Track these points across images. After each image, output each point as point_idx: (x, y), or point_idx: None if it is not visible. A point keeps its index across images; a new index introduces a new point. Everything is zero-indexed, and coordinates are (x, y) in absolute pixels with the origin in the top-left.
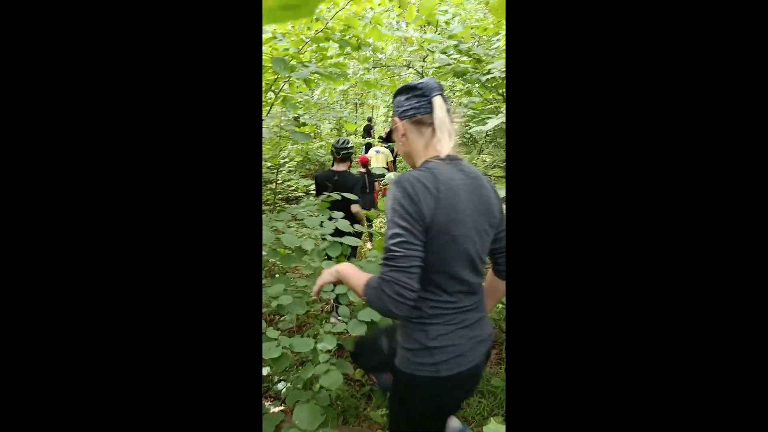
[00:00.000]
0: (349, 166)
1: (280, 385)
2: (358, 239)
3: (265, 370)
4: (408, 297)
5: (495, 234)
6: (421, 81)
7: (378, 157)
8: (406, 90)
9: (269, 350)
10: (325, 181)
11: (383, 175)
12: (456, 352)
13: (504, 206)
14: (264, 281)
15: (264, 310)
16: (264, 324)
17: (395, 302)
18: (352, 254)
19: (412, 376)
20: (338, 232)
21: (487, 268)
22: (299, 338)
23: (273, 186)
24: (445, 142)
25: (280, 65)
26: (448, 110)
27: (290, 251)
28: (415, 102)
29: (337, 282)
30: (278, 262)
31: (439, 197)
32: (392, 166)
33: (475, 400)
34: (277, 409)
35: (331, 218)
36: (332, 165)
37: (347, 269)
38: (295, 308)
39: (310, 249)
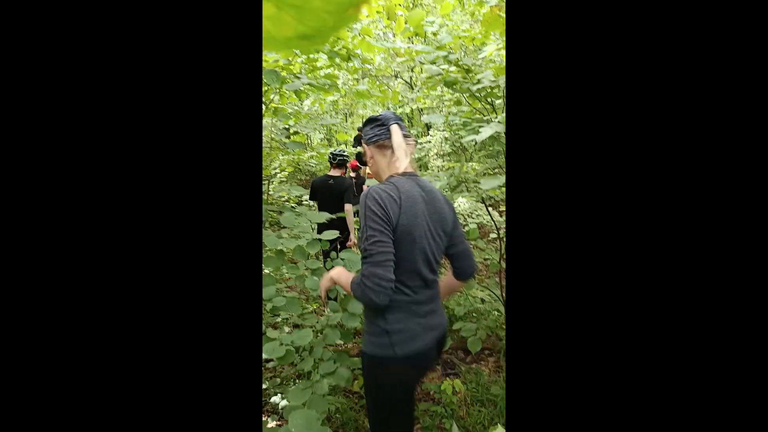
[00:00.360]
0: (344, 172)
1: (276, 398)
2: (336, 232)
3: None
4: (386, 286)
5: (449, 240)
6: (381, 113)
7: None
8: (370, 121)
9: (273, 350)
10: (321, 184)
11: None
12: (409, 335)
13: (455, 216)
14: None
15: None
16: (263, 326)
17: (376, 292)
18: (333, 248)
19: (374, 356)
20: (321, 228)
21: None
22: (298, 332)
23: (264, 197)
24: (402, 160)
25: (271, 77)
26: (404, 135)
27: (272, 253)
28: (377, 130)
29: (333, 284)
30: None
31: (402, 204)
32: None
33: (475, 410)
34: (273, 424)
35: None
36: (329, 171)
37: (338, 273)
38: (289, 308)
39: (292, 248)
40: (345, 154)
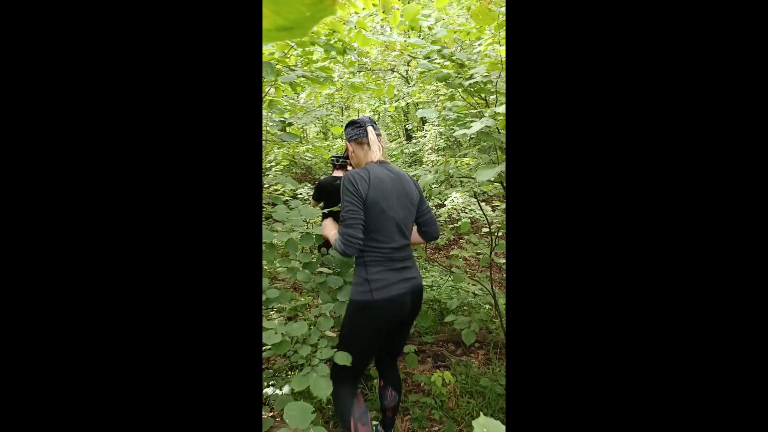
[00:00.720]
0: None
1: (269, 390)
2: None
3: None
4: (354, 243)
5: (417, 211)
6: (359, 118)
7: None
8: (351, 124)
9: (269, 337)
10: (328, 185)
11: None
12: (385, 284)
13: (419, 190)
14: None
15: None
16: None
17: (347, 246)
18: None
19: (357, 301)
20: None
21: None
22: (294, 324)
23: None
24: (375, 153)
25: (267, 69)
26: (377, 134)
27: (264, 247)
28: (357, 131)
29: (326, 234)
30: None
31: (371, 183)
32: None
33: (464, 401)
34: (266, 415)
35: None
36: (332, 172)
37: (328, 224)
38: (282, 300)
39: (284, 241)
40: (347, 156)
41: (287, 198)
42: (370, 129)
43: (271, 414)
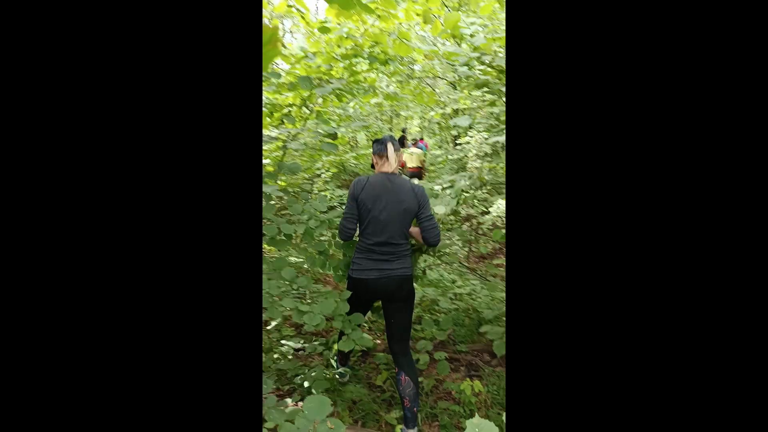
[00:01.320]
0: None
1: (299, 379)
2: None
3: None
4: (344, 231)
5: (418, 218)
6: (382, 137)
7: (412, 158)
8: (376, 141)
9: (310, 319)
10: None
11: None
12: (360, 268)
13: (421, 201)
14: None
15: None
16: (299, 301)
17: (340, 233)
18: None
19: (349, 276)
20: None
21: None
22: (323, 301)
23: (310, 197)
24: (388, 166)
25: (306, 83)
26: (395, 149)
27: (283, 237)
28: (379, 146)
29: None
30: (267, 245)
31: (365, 188)
32: (424, 165)
33: (494, 412)
34: (292, 404)
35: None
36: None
37: None
38: (301, 282)
39: (301, 232)
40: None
41: (335, 204)
42: (389, 145)
43: (296, 404)
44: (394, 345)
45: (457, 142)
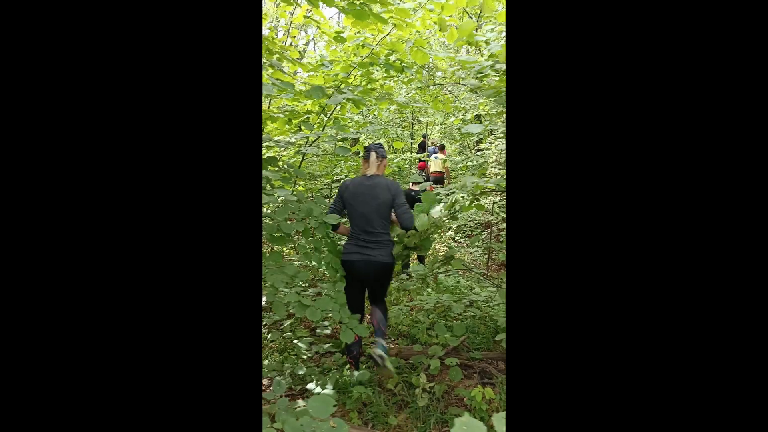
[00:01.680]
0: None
1: (312, 385)
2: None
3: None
4: (329, 219)
5: (394, 209)
6: (369, 145)
7: (436, 162)
8: (364, 149)
9: (313, 314)
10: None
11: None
12: (348, 251)
13: (394, 193)
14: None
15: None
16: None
17: (327, 218)
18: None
19: (341, 260)
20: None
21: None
22: (321, 299)
23: (328, 201)
24: (371, 170)
25: (318, 93)
26: (378, 156)
27: (283, 235)
28: (365, 153)
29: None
30: (268, 241)
31: (347, 187)
32: (448, 170)
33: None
34: (303, 404)
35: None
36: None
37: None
38: (302, 276)
39: (301, 230)
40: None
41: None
42: (372, 153)
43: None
44: (374, 301)
45: (479, 148)
